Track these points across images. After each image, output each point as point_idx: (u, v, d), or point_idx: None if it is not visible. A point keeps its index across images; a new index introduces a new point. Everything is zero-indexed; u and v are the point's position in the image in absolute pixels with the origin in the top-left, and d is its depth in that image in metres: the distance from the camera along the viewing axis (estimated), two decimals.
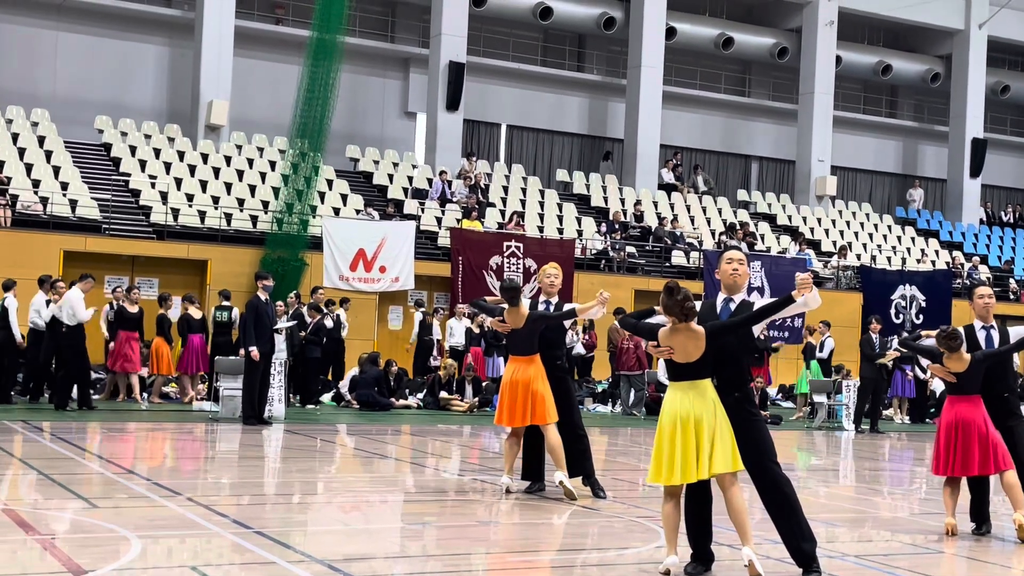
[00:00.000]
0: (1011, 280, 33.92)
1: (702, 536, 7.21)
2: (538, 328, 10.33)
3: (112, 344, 19.76)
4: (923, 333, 10.03)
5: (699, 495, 7.15)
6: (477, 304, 11.30)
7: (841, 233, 34.43)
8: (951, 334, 9.16)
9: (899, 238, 35.61)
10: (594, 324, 23.70)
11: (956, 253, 35.12)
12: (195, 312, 20.53)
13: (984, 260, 35.17)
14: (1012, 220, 39.17)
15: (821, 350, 24.23)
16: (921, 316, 29.75)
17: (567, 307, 10.49)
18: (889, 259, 33.42)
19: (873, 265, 31.83)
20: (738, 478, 6.96)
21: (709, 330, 6.96)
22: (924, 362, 9.90)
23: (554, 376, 10.40)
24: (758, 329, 7.35)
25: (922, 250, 34.81)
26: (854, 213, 36.27)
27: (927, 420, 24.71)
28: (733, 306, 7.27)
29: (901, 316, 29.57)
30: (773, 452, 7.15)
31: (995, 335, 9.54)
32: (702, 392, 6.94)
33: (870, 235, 35.16)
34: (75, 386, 17.90)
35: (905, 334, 25.05)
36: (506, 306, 10.33)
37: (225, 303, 20.92)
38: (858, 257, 32.70)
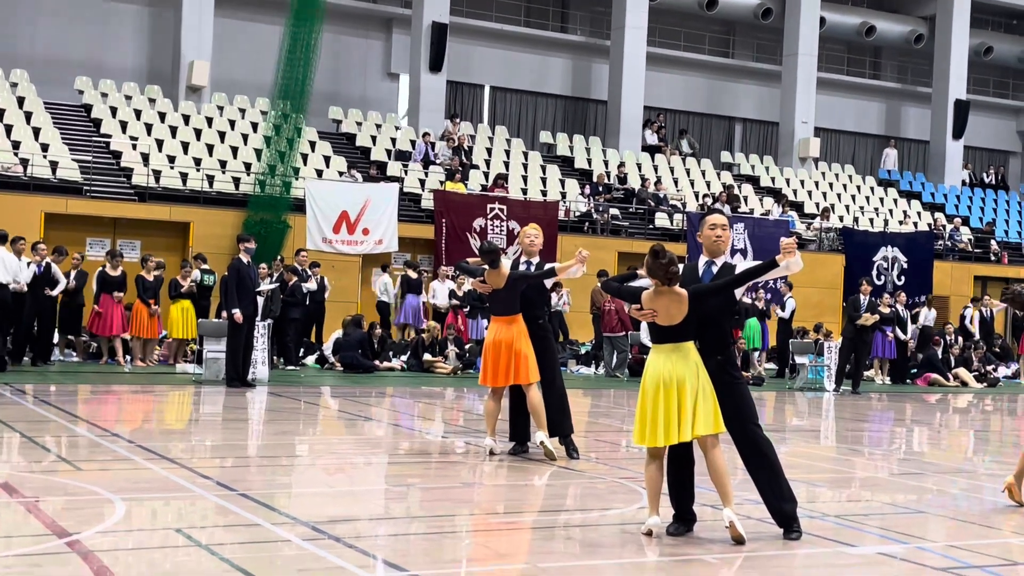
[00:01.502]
0: (992, 241, 34.05)
1: (684, 497, 7.26)
2: (519, 288, 10.36)
3: (95, 307, 19.74)
4: None
5: (681, 457, 7.20)
6: (460, 267, 11.39)
7: (824, 195, 34.48)
8: (1005, 290, 9.43)
9: (881, 200, 35.68)
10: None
11: (938, 215, 35.22)
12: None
13: (966, 222, 35.29)
14: (994, 181, 39.27)
15: (783, 310, 24.52)
16: (903, 277, 29.88)
17: (547, 267, 10.52)
18: (871, 221, 33.51)
19: (855, 227, 31.91)
20: (720, 440, 7.01)
21: (692, 293, 6.97)
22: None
23: (536, 335, 10.43)
24: (740, 292, 7.36)
25: (904, 212, 34.90)
26: (837, 175, 36.30)
27: (907, 381, 24.89)
28: (715, 269, 7.29)
29: (883, 278, 29.68)
30: (754, 414, 7.20)
31: None
32: (685, 354, 6.97)
33: (853, 197, 35.22)
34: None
35: (887, 295, 25.31)
36: (487, 268, 10.37)
37: (204, 266, 20.89)
38: (840, 219, 32.77)
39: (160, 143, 25.63)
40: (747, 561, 6.73)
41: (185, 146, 25.88)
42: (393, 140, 29.38)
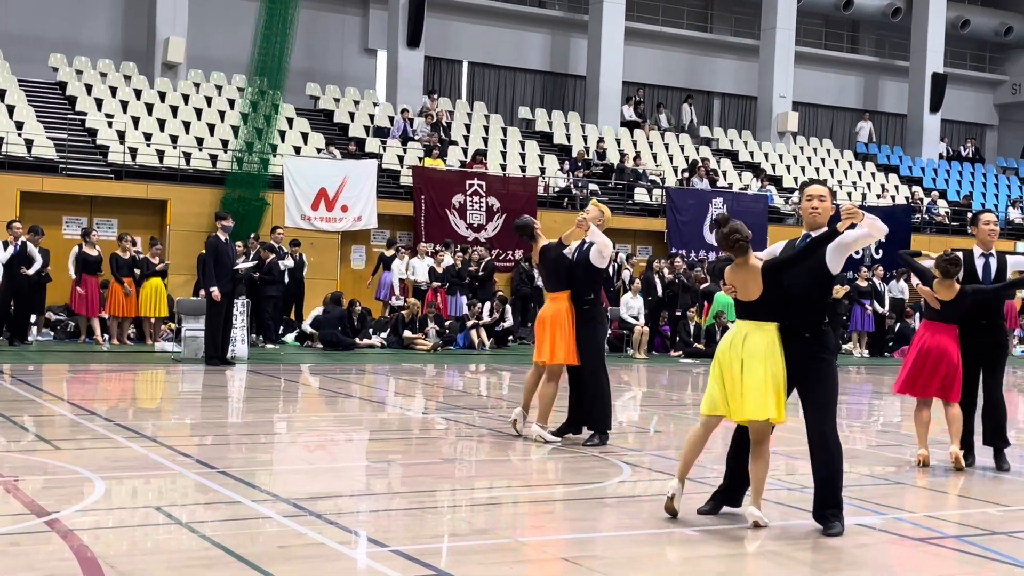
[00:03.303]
0: (969, 214, 34.19)
1: (737, 482, 7.08)
2: (557, 264, 10.06)
3: (78, 288, 19.65)
4: (924, 253, 9.96)
5: (745, 442, 7.01)
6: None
7: (802, 169, 34.54)
8: (953, 259, 9.19)
9: (859, 173, 35.77)
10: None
11: (916, 188, 35.35)
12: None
13: (943, 195, 35.43)
14: (971, 155, 39.43)
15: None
16: (881, 251, 29.99)
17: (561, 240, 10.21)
18: (849, 194, 33.59)
19: (834, 201, 31.93)
20: (770, 432, 6.81)
21: (764, 267, 6.79)
22: (914, 280, 9.89)
23: (580, 320, 9.93)
24: (835, 266, 6.82)
25: (882, 185, 35.00)
26: (815, 149, 36.37)
27: (886, 354, 25.05)
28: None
29: (861, 251, 29.78)
30: (832, 406, 6.85)
31: (993, 263, 9.57)
32: (759, 335, 6.75)
33: (831, 171, 35.30)
34: None
35: (864, 269, 25.42)
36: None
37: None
38: None
39: (136, 120, 25.45)
40: (727, 533, 6.77)
41: (161, 123, 25.71)
42: (371, 116, 29.26)
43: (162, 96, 26.75)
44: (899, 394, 9.63)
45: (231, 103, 27.28)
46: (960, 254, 9.41)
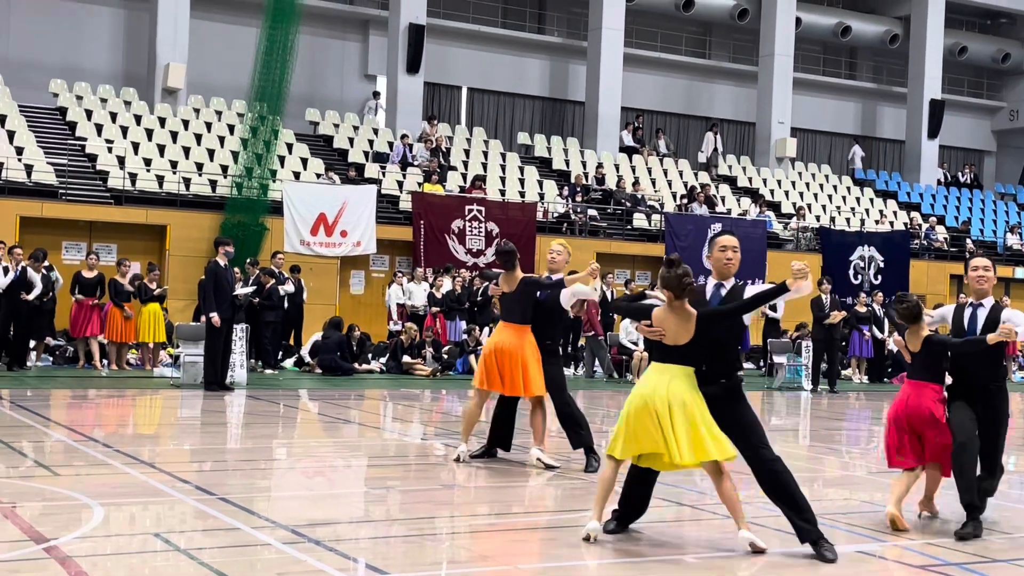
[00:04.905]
0: (968, 240, 34.27)
1: (633, 508, 7.23)
2: (530, 294, 10.02)
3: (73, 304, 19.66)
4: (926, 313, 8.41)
5: (645, 472, 7.12)
6: (484, 274, 11.32)
7: (801, 195, 34.62)
8: (899, 298, 8.12)
9: (858, 199, 35.86)
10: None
11: (914, 214, 35.42)
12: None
13: (941, 221, 35.49)
14: (969, 181, 39.52)
15: (775, 310, 24.57)
16: (879, 277, 30.02)
17: (556, 278, 10.12)
18: (848, 220, 33.66)
19: (832, 226, 32.05)
20: (721, 468, 6.80)
21: (701, 316, 6.74)
22: (895, 335, 8.91)
23: (544, 356, 9.99)
24: (748, 317, 7.07)
25: (880, 211, 35.07)
26: (813, 175, 36.46)
27: (885, 380, 25.03)
28: (724, 292, 7.08)
29: (860, 277, 29.82)
30: (762, 437, 6.97)
31: (981, 314, 7.96)
32: (680, 379, 6.74)
33: (829, 196, 35.39)
34: None
35: (863, 295, 25.43)
36: (503, 271, 10.14)
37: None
38: (817, 218, 32.91)
39: (136, 146, 25.52)
40: (724, 561, 6.75)
41: (161, 149, 25.77)
42: (371, 142, 29.34)
43: (162, 122, 26.83)
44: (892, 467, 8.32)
45: (231, 128, 27.36)
46: (914, 296, 8.14)
